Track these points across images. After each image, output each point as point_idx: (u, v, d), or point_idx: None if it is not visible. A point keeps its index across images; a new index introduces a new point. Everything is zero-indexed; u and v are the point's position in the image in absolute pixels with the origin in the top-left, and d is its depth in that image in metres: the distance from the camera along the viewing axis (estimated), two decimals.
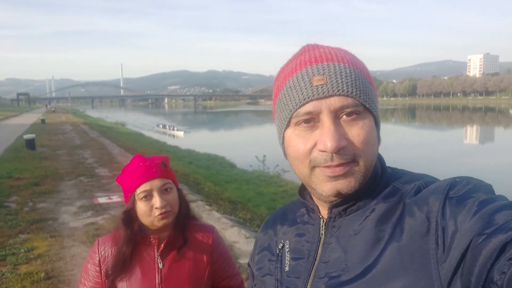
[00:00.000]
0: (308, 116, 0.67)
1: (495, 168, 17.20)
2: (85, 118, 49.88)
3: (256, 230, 5.96)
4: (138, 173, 1.34)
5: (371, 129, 0.68)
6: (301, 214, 0.83)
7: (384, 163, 0.78)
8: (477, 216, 0.56)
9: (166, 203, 1.34)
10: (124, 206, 1.40)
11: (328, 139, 0.64)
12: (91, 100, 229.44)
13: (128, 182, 1.35)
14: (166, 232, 1.40)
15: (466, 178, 0.66)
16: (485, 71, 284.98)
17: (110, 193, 7.97)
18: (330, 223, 0.74)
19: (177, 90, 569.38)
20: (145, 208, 1.33)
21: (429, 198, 0.64)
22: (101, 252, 1.40)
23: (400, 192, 0.70)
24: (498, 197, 0.60)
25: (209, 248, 1.45)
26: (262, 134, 38.77)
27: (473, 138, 38.79)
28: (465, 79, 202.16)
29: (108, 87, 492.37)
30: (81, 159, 13.04)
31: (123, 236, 1.36)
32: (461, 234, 0.57)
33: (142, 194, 1.32)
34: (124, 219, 1.36)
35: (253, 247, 0.95)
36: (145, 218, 1.35)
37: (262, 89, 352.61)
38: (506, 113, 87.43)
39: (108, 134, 25.20)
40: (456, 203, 0.60)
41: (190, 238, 1.43)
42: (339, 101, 0.65)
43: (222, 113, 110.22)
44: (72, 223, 6.04)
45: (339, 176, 0.67)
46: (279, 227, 0.88)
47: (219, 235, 1.53)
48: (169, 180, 1.39)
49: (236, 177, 12.79)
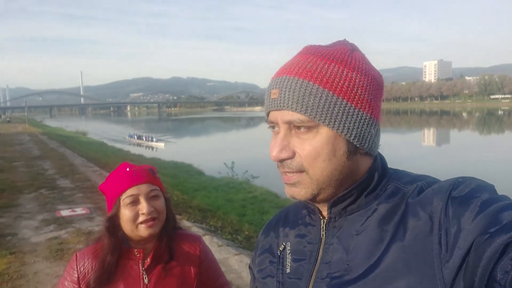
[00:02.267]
0: (272, 124, 0.73)
1: (453, 166, 18.07)
2: (43, 128, 47.78)
3: (228, 237, 5.91)
4: (125, 178, 1.27)
5: (321, 144, 0.68)
6: (303, 215, 0.83)
7: (385, 163, 0.78)
8: (481, 216, 0.56)
9: (153, 209, 1.27)
10: (106, 214, 1.31)
11: (272, 148, 0.70)
12: (49, 109, 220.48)
13: (114, 187, 1.28)
14: (151, 244, 1.32)
15: (469, 178, 0.66)
16: (439, 76, 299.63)
17: (74, 205, 7.64)
18: (330, 223, 0.75)
19: (140, 97, 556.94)
20: (130, 214, 1.25)
21: (432, 198, 0.65)
22: (80, 268, 1.29)
23: (402, 192, 0.70)
24: (501, 197, 0.60)
25: (197, 259, 1.38)
26: (230, 141, 38.72)
27: (430, 140, 40.62)
28: (422, 85, 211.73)
29: (68, 95, 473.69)
30: (40, 170, 12.44)
31: (108, 244, 1.26)
32: (465, 234, 0.57)
33: (128, 199, 1.25)
34: (108, 227, 1.27)
35: (254, 250, 0.94)
36: (129, 225, 1.26)
37: (228, 95, 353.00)
38: (460, 116, 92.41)
39: (69, 143, 24.24)
40: (459, 203, 0.61)
41: (176, 250, 1.35)
42: (288, 115, 0.68)
43: (187, 120, 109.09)
44: (33, 238, 5.73)
45: (289, 184, 0.71)
46: (280, 229, 0.88)
47: (206, 244, 1.47)
48: (157, 186, 1.32)
49: (204, 184, 12.66)
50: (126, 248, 1.30)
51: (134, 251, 1.30)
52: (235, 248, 5.25)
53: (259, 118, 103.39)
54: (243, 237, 6.06)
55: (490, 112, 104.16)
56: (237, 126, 77.29)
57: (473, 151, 26.93)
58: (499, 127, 56.36)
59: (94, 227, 6.14)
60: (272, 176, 15.49)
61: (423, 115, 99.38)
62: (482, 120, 73.47)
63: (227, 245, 5.23)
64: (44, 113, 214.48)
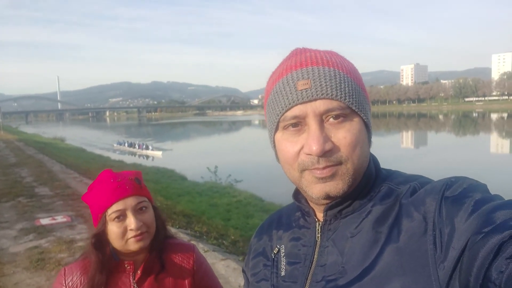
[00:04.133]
0: (295, 120, 0.68)
1: (431, 166, 18.50)
2: (20, 135, 46.46)
3: (214, 242, 5.88)
4: (109, 191, 1.19)
5: (358, 132, 0.68)
6: (297, 218, 0.83)
7: (378, 164, 0.78)
8: (474, 216, 0.56)
9: (142, 224, 1.20)
10: (92, 228, 1.25)
11: (313, 142, 0.65)
12: (25, 115, 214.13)
13: (98, 201, 1.20)
14: (141, 255, 1.27)
15: (462, 178, 0.66)
16: (416, 80, 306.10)
17: (54, 213, 7.45)
18: (326, 226, 0.74)
19: (120, 102, 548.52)
20: (118, 230, 1.18)
21: (425, 198, 0.65)
22: (68, 284, 1.23)
23: (396, 193, 0.70)
24: (494, 196, 0.60)
25: (190, 269, 1.33)
26: (212, 145, 38.53)
27: (409, 142, 41.46)
28: (399, 88, 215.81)
29: (44, 100, 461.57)
30: (18, 178, 12.07)
31: (95, 262, 1.20)
32: (459, 234, 0.57)
33: (114, 215, 1.18)
34: (95, 243, 1.20)
35: (247, 253, 0.93)
36: (117, 241, 1.20)
37: (209, 99, 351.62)
38: (436, 118, 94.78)
39: (47, 150, 23.62)
40: (453, 203, 0.61)
41: (168, 261, 1.30)
42: (324, 104, 0.66)
43: (168, 124, 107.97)
44: (12, 248, 5.56)
45: (327, 178, 0.67)
46: (274, 232, 0.87)
47: (201, 253, 1.42)
48: (145, 197, 1.25)
49: (188, 189, 12.54)
50: (115, 261, 1.25)
51: (124, 263, 1.26)
52: (222, 253, 5.23)
53: (240, 122, 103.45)
54: (229, 242, 6.03)
55: (465, 114, 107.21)
56: (219, 130, 77.01)
57: (450, 152, 27.64)
58: (474, 128, 58.08)
59: (76, 235, 6.01)
60: (255, 180, 15.45)
61: (402, 118, 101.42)
62: (458, 122, 75.53)
63: (213, 250, 5.20)
64: (20, 119, 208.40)
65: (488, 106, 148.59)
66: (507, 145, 35.15)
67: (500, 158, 26.41)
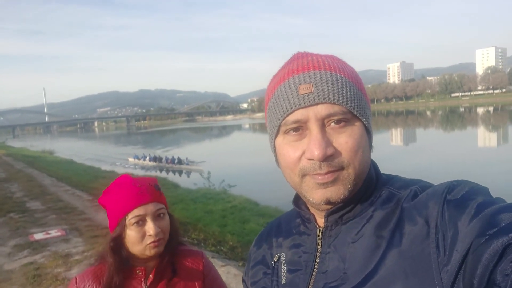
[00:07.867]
0: (296, 124, 0.68)
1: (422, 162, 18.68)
2: (7, 149, 45.77)
3: (213, 249, 5.85)
4: (131, 196, 1.22)
5: (359, 136, 0.68)
6: (297, 224, 0.82)
7: (378, 169, 0.78)
8: (477, 219, 0.56)
9: (160, 230, 1.24)
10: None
11: (315, 147, 0.64)
12: (12, 129, 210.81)
13: (117, 205, 1.23)
14: (153, 261, 1.29)
15: (463, 181, 0.66)
16: (403, 77, 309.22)
17: (47, 228, 7.35)
18: (327, 232, 0.74)
19: (108, 112, 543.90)
20: (137, 235, 1.21)
21: (427, 202, 0.64)
22: None
23: (397, 198, 0.70)
24: (496, 199, 0.60)
25: (200, 275, 1.36)
26: (203, 151, 38.40)
27: (398, 140, 41.87)
28: (387, 86, 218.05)
29: (31, 113, 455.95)
30: (8, 193, 11.89)
31: (113, 264, 1.22)
32: (462, 237, 0.56)
33: (134, 220, 1.21)
34: (113, 247, 1.23)
35: (247, 262, 0.93)
36: (135, 246, 1.23)
37: (198, 105, 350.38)
38: (424, 114, 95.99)
39: (36, 164, 23.34)
40: (455, 206, 0.60)
41: (179, 266, 1.33)
42: (326, 109, 0.66)
43: (158, 132, 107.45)
44: (7, 266, 5.47)
45: (328, 183, 0.67)
46: (273, 239, 0.86)
47: (209, 259, 1.45)
48: (163, 204, 1.29)
49: (181, 197, 12.45)
50: (127, 267, 1.27)
51: (135, 269, 1.28)
52: (221, 259, 5.22)
53: (230, 127, 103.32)
54: (228, 248, 6.01)
55: (452, 109, 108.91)
56: (209, 135, 76.85)
57: (440, 147, 27.96)
58: (461, 123, 58.93)
59: (72, 249, 5.93)
60: (249, 184, 15.39)
61: (390, 116, 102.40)
62: (445, 118, 76.59)
63: (212, 257, 5.18)
64: (7, 134, 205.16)
65: (474, 101, 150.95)
66: (494, 138, 35.76)
67: (487, 150, 26.84)
